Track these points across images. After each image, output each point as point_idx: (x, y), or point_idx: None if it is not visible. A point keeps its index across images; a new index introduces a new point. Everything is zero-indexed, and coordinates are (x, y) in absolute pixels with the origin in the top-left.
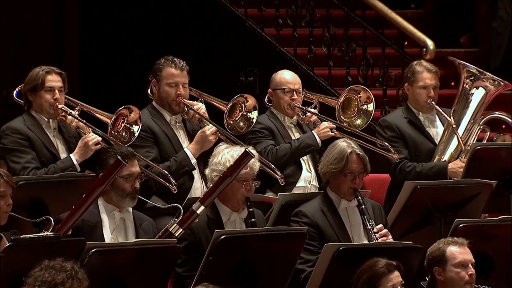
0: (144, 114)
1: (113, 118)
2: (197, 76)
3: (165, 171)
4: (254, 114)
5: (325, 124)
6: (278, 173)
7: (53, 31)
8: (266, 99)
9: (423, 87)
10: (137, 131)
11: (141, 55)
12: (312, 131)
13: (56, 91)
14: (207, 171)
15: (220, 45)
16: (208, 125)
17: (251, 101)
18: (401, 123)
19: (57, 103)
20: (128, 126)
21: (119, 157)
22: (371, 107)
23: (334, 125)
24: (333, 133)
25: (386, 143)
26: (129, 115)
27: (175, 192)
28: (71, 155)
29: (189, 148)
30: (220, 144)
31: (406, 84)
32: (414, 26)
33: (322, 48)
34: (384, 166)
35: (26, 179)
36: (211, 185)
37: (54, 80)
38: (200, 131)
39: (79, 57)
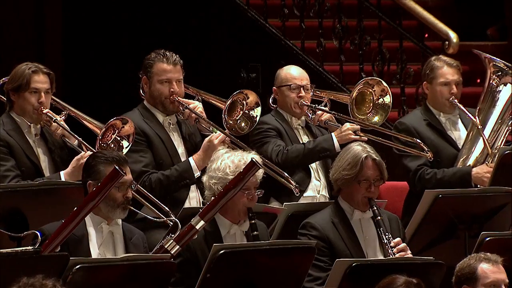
0: (134, 115)
1: (103, 129)
2: (193, 73)
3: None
4: (257, 112)
5: (347, 125)
6: (293, 182)
7: (34, 21)
8: (270, 100)
9: (444, 83)
10: (126, 148)
11: (130, 49)
12: (331, 133)
13: (42, 93)
14: (204, 178)
15: (219, 38)
16: (215, 132)
17: (252, 97)
18: (420, 125)
19: (41, 107)
20: (118, 139)
21: (116, 167)
22: (388, 99)
23: (358, 126)
24: (357, 136)
25: (418, 140)
26: (122, 127)
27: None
28: (61, 173)
29: (194, 159)
30: (219, 148)
31: (425, 82)
32: (435, 17)
33: (333, 41)
34: (401, 173)
35: (3, 187)
36: (208, 193)
37: (40, 81)
38: (207, 139)
39: (61, 49)
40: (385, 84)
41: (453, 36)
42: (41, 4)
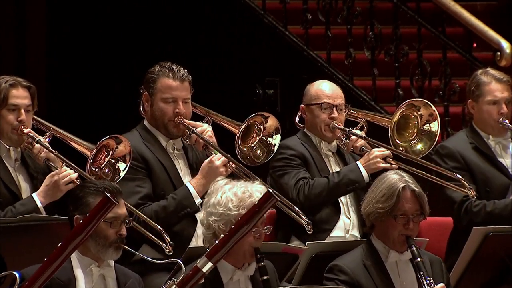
0: (133, 136)
1: (94, 151)
2: (201, 88)
3: (159, 227)
4: (276, 139)
5: (375, 152)
6: (304, 217)
7: (14, 31)
8: (297, 118)
9: (492, 102)
10: (123, 170)
11: (128, 60)
12: (357, 162)
13: (22, 110)
14: (201, 214)
15: (230, 48)
16: (216, 153)
17: (272, 121)
18: (465, 150)
19: (22, 126)
20: (113, 161)
21: (108, 194)
22: (435, 126)
23: (389, 152)
24: (387, 165)
25: (458, 175)
26: (116, 148)
27: (170, 252)
28: (33, 194)
29: (192, 184)
30: (218, 179)
31: (470, 100)
32: (485, 23)
33: (364, 51)
34: (445, 206)
35: None
36: (207, 232)
37: (20, 96)
38: (207, 161)
39: (44, 63)
40: (433, 108)
41: (506, 45)
42: (22, 6)
